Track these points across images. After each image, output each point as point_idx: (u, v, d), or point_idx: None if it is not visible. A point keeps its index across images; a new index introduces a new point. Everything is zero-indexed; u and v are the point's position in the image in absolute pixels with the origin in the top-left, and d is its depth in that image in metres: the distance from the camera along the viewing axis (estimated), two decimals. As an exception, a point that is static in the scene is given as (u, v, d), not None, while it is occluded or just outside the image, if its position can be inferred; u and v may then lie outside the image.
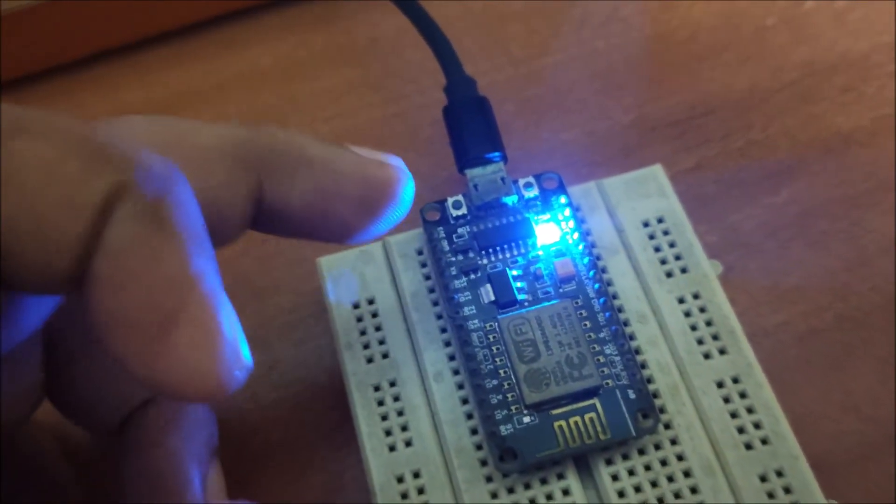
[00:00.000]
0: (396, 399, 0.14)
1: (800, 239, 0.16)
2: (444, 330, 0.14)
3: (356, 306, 0.15)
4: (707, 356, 0.14)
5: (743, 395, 0.14)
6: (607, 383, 0.13)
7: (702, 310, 0.14)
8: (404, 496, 0.13)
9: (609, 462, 0.13)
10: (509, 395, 0.13)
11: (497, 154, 0.15)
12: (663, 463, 0.13)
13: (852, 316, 0.15)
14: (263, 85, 0.19)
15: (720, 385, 0.14)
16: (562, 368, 0.13)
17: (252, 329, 0.16)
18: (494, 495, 0.13)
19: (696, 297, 0.14)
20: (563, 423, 0.13)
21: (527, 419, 0.13)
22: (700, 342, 0.14)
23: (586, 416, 0.13)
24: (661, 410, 0.13)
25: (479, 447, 0.13)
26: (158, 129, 0.11)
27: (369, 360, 0.14)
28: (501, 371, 0.13)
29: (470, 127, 0.15)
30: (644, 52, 0.19)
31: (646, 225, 0.15)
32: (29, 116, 0.09)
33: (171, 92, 0.19)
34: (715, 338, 0.14)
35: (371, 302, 0.15)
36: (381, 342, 0.14)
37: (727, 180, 0.17)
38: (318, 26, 0.20)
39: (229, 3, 0.20)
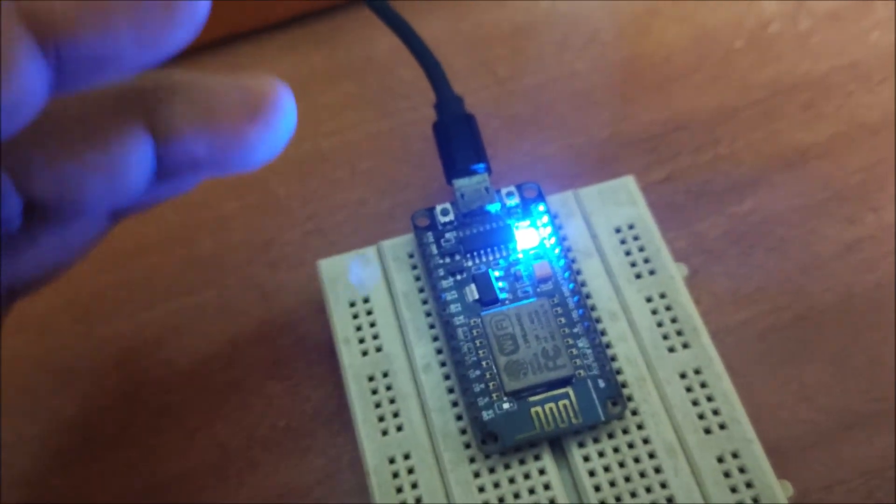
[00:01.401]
0: (389, 388, 0.15)
1: (761, 245, 0.17)
2: (432, 326, 0.16)
3: (352, 304, 0.16)
4: (671, 350, 0.15)
5: (703, 385, 0.15)
6: (580, 373, 0.15)
7: (668, 308, 0.16)
8: (395, 475, 0.14)
9: (581, 444, 0.14)
10: (491, 384, 0.15)
11: (482, 166, 0.17)
12: (630, 446, 0.14)
13: (807, 315, 0.17)
14: (267, 102, 0.20)
15: (683, 376, 0.15)
16: (538, 360, 0.15)
17: (258, 327, 0.17)
18: (477, 475, 0.14)
19: (662, 296, 0.16)
20: (539, 409, 0.14)
21: (506, 405, 0.14)
22: (665, 337, 0.15)
23: (560, 403, 0.14)
24: (629, 399, 0.15)
25: (463, 431, 0.15)
26: None
27: (364, 354, 0.16)
28: (484, 362, 0.15)
29: (457, 141, 0.17)
30: (620, 73, 0.20)
31: (618, 231, 0.17)
32: None
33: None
34: (679, 333, 0.15)
35: (366, 301, 0.16)
36: (375, 337, 0.16)
37: (695, 191, 0.18)
38: (319, 46, 0.21)
39: (235, 26, 0.21)
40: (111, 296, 0.18)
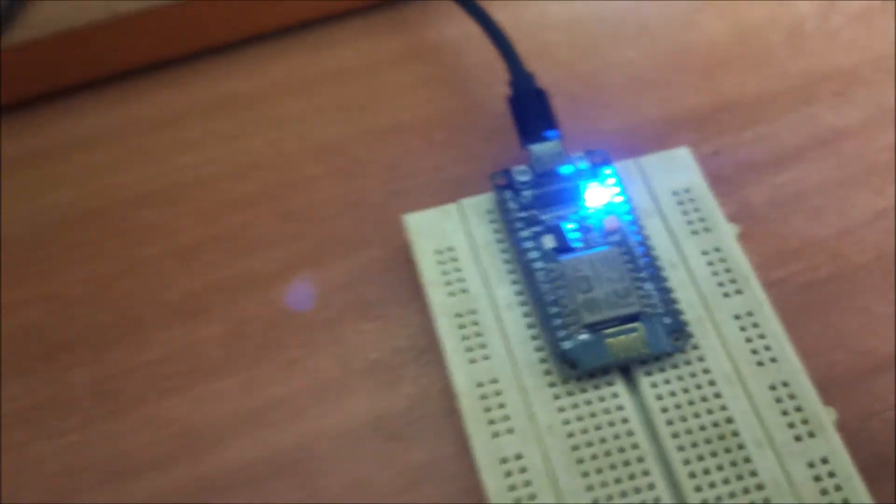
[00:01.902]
0: (475, 324, 0.17)
1: (799, 212, 0.19)
2: (511, 272, 0.18)
3: (438, 252, 0.18)
4: (726, 295, 0.17)
5: (755, 325, 0.17)
6: (647, 311, 0.17)
7: (722, 260, 0.18)
8: (484, 398, 0.16)
9: (648, 373, 0.16)
10: (569, 319, 0.16)
11: (555, 132, 0.19)
12: (692, 375, 0.16)
13: (840, 273, 0.19)
14: (349, 80, 0.22)
15: (737, 317, 0.17)
16: (611, 298, 0.17)
17: (349, 274, 0.19)
18: (557, 397, 0.16)
19: (717, 250, 0.18)
20: (612, 340, 0.16)
21: (583, 336, 0.16)
22: (720, 285, 0.17)
23: (631, 335, 0.16)
24: (690, 336, 0.17)
25: (542, 361, 0.17)
26: None
27: (451, 294, 0.18)
28: (562, 300, 0.17)
29: (532, 111, 0.19)
30: (669, 61, 0.22)
31: (675, 194, 0.19)
32: None
33: (270, 82, 0.22)
34: (732, 281, 0.17)
35: (450, 249, 0.18)
36: (460, 280, 0.18)
37: (740, 164, 0.20)
38: (394, 30, 0.23)
39: (317, 11, 0.23)
40: (211, 246, 0.20)
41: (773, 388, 0.16)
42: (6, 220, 0.20)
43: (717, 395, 0.16)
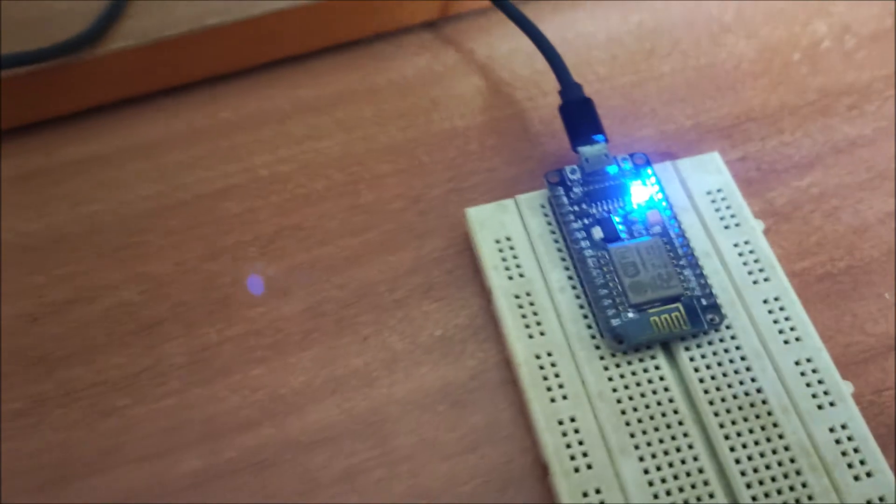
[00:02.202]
0: (531, 304, 0.19)
1: (818, 211, 0.22)
2: (563, 259, 0.20)
3: (497, 241, 0.20)
4: (755, 282, 0.19)
5: (781, 309, 0.19)
6: (686, 293, 0.19)
7: (751, 252, 0.20)
8: (541, 367, 0.18)
9: (687, 348, 0.18)
10: (617, 299, 0.19)
11: (601, 136, 0.21)
12: (726, 350, 0.18)
13: (856, 265, 0.21)
14: (410, 90, 0.25)
15: (765, 301, 0.19)
16: (655, 281, 0.19)
17: (414, 261, 0.21)
18: (606, 368, 0.18)
19: (746, 243, 0.20)
20: (656, 318, 0.18)
21: (630, 314, 0.18)
22: (750, 273, 0.20)
23: (672, 315, 0.18)
24: (724, 316, 0.19)
25: (592, 336, 0.19)
26: None
27: (510, 278, 0.20)
28: (610, 283, 0.19)
29: (581, 117, 0.21)
30: (699, 76, 0.25)
31: (708, 193, 0.21)
32: None
33: (336, 91, 0.25)
34: (761, 270, 0.20)
35: (508, 238, 0.20)
36: (518, 266, 0.20)
37: (765, 169, 0.22)
38: (448, 46, 0.25)
39: (379, 27, 0.25)
40: (289, 235, 0.22)
41: (797, 363, 0.18)
42: (103, 210, 0.23)
43: (748, 369, 0.18)
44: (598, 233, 0.20)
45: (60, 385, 0.20)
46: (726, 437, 0.17)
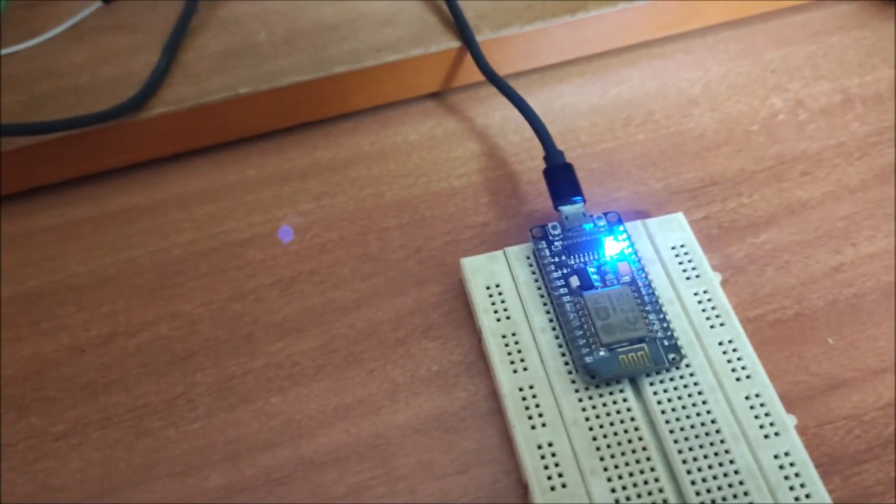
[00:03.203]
0: (516, 343, 0.22)
1: (771, 265, 0.25)
2: (545, 304, 0.23)
3: (487, 287, 0.23)
4: (712, 326, 0.22)
5: (735, 350, 0.22)
6: (651, 335, 0.22)
7: (708, 300, 0.23)
8: (524, 399, 0.21)
9: (651, 383, 0.21)
10: (590, 339, 0.21)
11: (580, 198, 0.24)
12: (685, 385, 0.21)
13: (804, 313, 0.23)
14: (412, 152, 0.28)
15: (720, 343, 0.22)
16: (623, 324, 0.22)
17: (415, 305, 0.24)
18: (580, 399, 0.21)
19: (704, 292, 0.23)
20: (624, 356, 0.21)
21: (601, 353, 0.21)
22: (707, 318, 0.22)
23: (638, 353, 0.21)
24: (683, 355, 0.22)
25: (569, 371, 0.21)
26: None
27: (498, 320, 0.23)
28: (585, 325, 0.22)
29: (563, 181, 0.24)
30: (669, 143, 0.28)
31: (672, 248, 0.24)
32: None
33: (349, 153, 0.28)
34: (717, 316, 0.22)
35: (497, 285, 0.23)
36: (505, 309, 0.23)
37: (725, 227, 0.25)
38: (449, 114, 0.29)
39: (387, 98, 0.29)
40: (306, 279, 0.25)
41: (747, 397, 0.21)
42: (142, 255, 0.26)
43: (704, 402, 0.21)
44: (575, 281, 0.23)
45: (102, 409, 0.23)
46: (684, 462, 0.20)
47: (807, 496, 0.20)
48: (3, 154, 0.26)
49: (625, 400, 0.21)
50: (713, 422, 0.21)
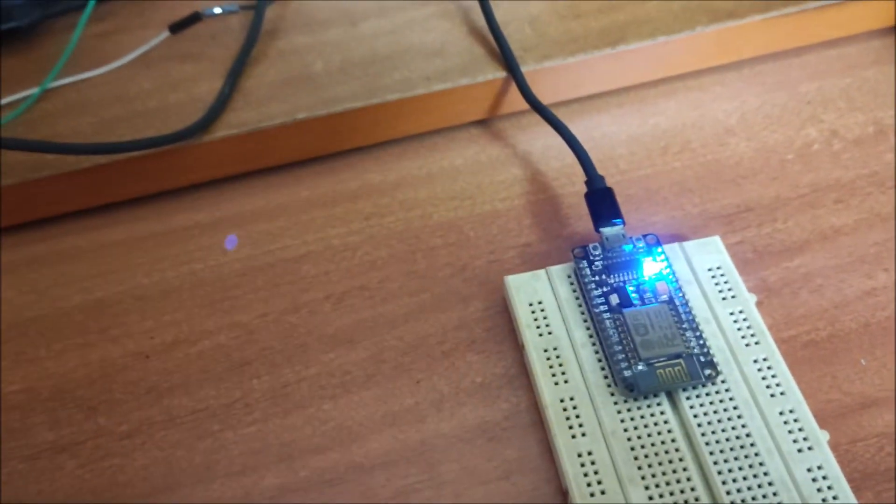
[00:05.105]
0: (558, 357, 0.23)
1: (805, 288, 0.25)
2: (585, 321, 0.24)
3: (531, 304, 0.24)
4: (747, 345, 0.23)
5: (769, 367, 0.23)
6: (687, 351, 0.22)
7: (744, 319, 0.24)
8: (565, 409, 0.22)
9: (688, 397, 0.22)
10: (629, 354, 0.22)
11: (620, 220, 0.25)
12: (721, 400, 0.22)
13: (837, 334, 0.24)
14: (458, 176, 0.29)
15: (755, 361, 0.23)
16: (661, 340, 0.23)
17: (460, 320, 0.25)
18: (619, 411, 0.22)
19: (740, 312, 0.24)
20: (662, 371, 0.22)
21: (640, 367, 0.22)
22: (742, 337, 0.23)
23: (676, 368, 0.22)
24: (719, 372, 0.22)
25: (608, 385, 0.22)
26: None
27: (540, 335, 0.24)
28: (624, 341, 0.23)
29: (604, 204, 0.25)
30: (706, 171, 0.29)
31: (709, 270, 0.25)
32: None
33: (398, 176, 0.29)
34: (752, 335, 0.23)
35: (540, 302, 0.24)
36: (547, 325, 0.24)
37: (760, 251, 0.26)
38: (494, 141, 0.30)
39: (434, 125, 0.30)
40: (357, 294, 0.26)
41: (781, 413, 0.22)
42: (203, 269, 0.27)
43: (740, 416, 0.22)
44: (614, 299, 0.24)
45: (165, 411, 0.24)
46: (719, 473, 0.21)
47: (840, 510, 0.20)
48: (80, 172, 0.27)
49: (662, 412, 0.22)
50: (748, 435, 0.21)
